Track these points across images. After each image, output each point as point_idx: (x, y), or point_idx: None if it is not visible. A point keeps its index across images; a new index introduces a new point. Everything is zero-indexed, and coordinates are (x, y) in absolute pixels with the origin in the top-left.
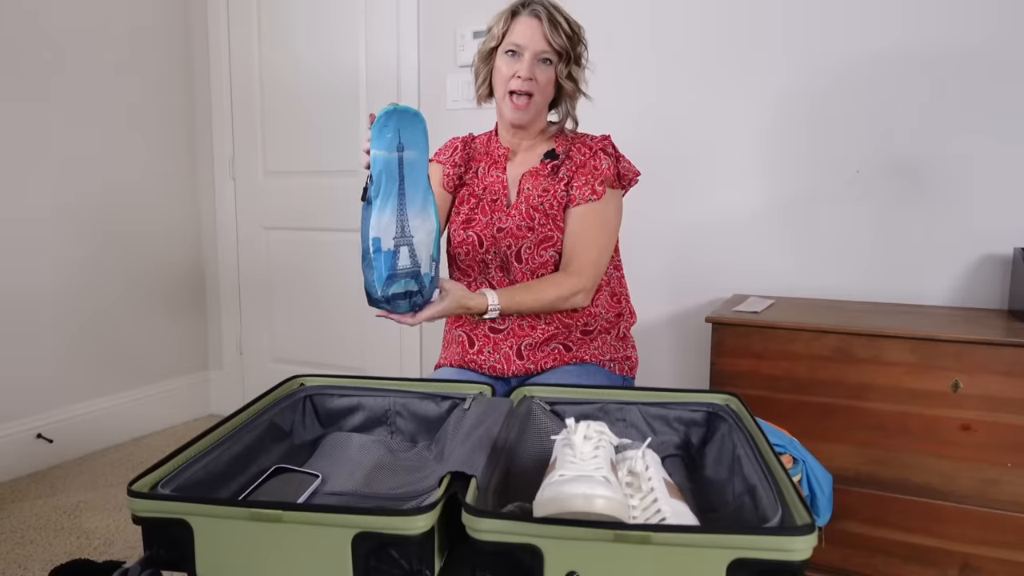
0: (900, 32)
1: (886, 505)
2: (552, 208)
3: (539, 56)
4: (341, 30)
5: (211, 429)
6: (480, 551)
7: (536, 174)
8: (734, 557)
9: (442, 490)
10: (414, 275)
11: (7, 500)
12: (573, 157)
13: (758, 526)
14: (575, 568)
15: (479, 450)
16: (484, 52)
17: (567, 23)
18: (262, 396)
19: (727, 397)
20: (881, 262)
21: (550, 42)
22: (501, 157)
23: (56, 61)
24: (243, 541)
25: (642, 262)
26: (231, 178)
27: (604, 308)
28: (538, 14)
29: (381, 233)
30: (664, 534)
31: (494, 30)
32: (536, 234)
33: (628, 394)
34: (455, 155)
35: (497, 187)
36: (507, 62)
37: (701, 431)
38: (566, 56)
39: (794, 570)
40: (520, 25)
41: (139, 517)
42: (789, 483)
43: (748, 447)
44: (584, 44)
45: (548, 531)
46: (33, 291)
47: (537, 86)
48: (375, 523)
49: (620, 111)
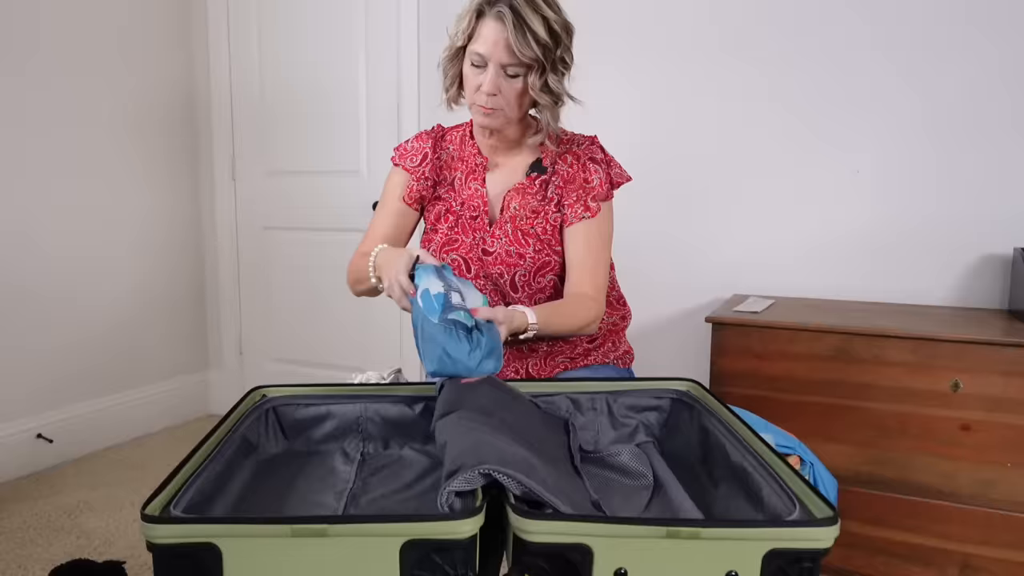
0: (893, 25)
1: (886, 505)
2: (546, 233)
3: (504, 68)
4: (341, 29)
5: (196, 447)
6: (528, 551)
7: (523, 191)
8: (770, 548)
9: (481, 493)
10: (467, 312)
11: (7, 500)
12: (560, 171)
13: (794, 520)
14: (624, 565)
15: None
16: (451, 51)
17: (544, 25)
18: (231, 411)
19: (688, 383)
20: (881, 262)
21: (516, 54)
22: (479, 167)
23: (56, 60)
24: (282, 560)
25: (642, 262)
26: (231, 178)
27: (607, 315)
28: (503, 17)
29: (428, 285)
30: (713, 528)
31: (460, 27)
32: (530, 261)
33: (596, 385)
34: (424, 166)
35: (477, 202)
36: (471, 71)
37: (667, 416)
38: (539, 67)
39: (819, 556)
40: (485, 29)
41: (157, 544)
42: (790, 471)
43: (726, 432)
44: (566, 46)
45: (600, 530)
46: (33, 291)
47: (503, 100)
48: (424, 530)
49: (620, 111)
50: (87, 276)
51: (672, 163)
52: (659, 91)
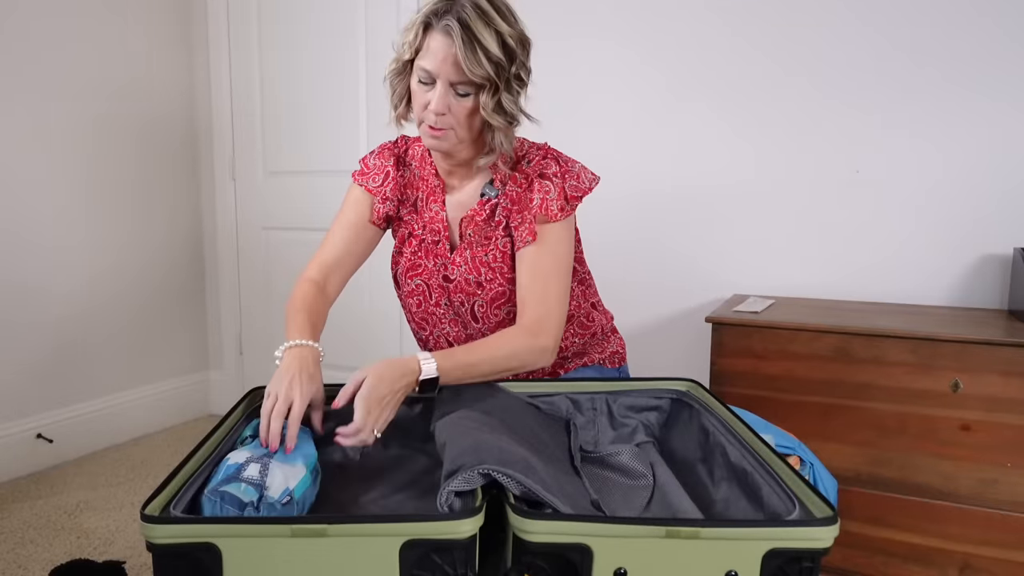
0: (892, 25)
1: (886, 505)
2: (496, 260)
3: (453, 87)
4: (341, 29)
5: (196, 448)
6: (528, 551)
7: (473, 219)
8: (770, 547)
9: (481, 492)
10: (257, 486)
11: (7, 500)
12: (510, 192)
13: (793, 519)
14: (623, 564)
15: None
16: (399, 63)
17: (496, 40)
18: (231, 411)
19: (688, 383)
20: (881, 262)
21: (465, 72)
22: (437, 189)
23: (56, 60)
24: (281, 560)
25: (643, 262)
26: (231, 178)
27: (579, 337)
28: (451, 32)
29: (232, 456)
30: (712, 528)
31: (407, 39)
32: (485, 291)
33: (596, 385)
34: (386, 186)
35: (437, 226)
36: (419, 88)
37: (667, 416)
38: (491, 85)
39: (818, 556)
40: (433, 43)
41: (157, 544)
42: (790, 471)
43: (726, 432)
44: (521, 62)
45: (599, 530)
46: (33, 291)
47: (453, 120)
48: (424, 529)
49: (622, 111)
50: (87, 276)
51: (672, 163)
52: (660, 91)
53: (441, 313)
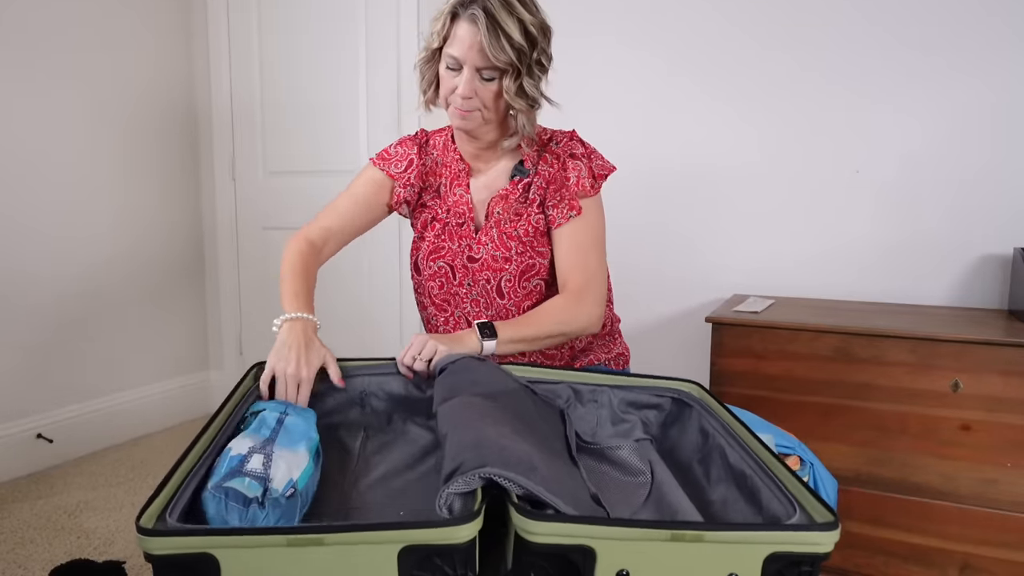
0: (894, 25)
1: (886, 505)
2: (528, 235)
3: (479, 72)
4: (341, 29)
5: (199, 436)
6: (530, 551)
7: (506, 197)
8: (771, 551)
9: (481, 493)
10: (261, 480)
11: (7, 500)
12: (542, 171)
13: (797, 524)
14: (626, 566)
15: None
16: (428, 52)
17: (519, 28)
18: (236, 388)
19: (691, 385)
20: (881, 262)
21: (489, 57)
22: (462, 173)
23: (56, 60)
24: (280, 569)
25: (643, 262)
26: (231, 178)
27: None
28: (476, 20)
29: (234, 446)
30: (716, 532)
31: (435, 29)
32: (515, 265)
33: (599, 377)
34: (410, 172)
35: (462, 208)
36: (447, 74)
37: (667, 415)
38: (514, 70)
39: (819, 560)
40: (460, 31)
41: (155, 556)
42: (790, 475)
43: (725, 434)
44: (542, 48)
45: (603, 532)
46: (33, 291)
47: (479, 103)
48: (422, 536)
49: (623, 109)
50: (87, 276)
51: (673, 163)
52: (661, 91)
53: (464, 293)
